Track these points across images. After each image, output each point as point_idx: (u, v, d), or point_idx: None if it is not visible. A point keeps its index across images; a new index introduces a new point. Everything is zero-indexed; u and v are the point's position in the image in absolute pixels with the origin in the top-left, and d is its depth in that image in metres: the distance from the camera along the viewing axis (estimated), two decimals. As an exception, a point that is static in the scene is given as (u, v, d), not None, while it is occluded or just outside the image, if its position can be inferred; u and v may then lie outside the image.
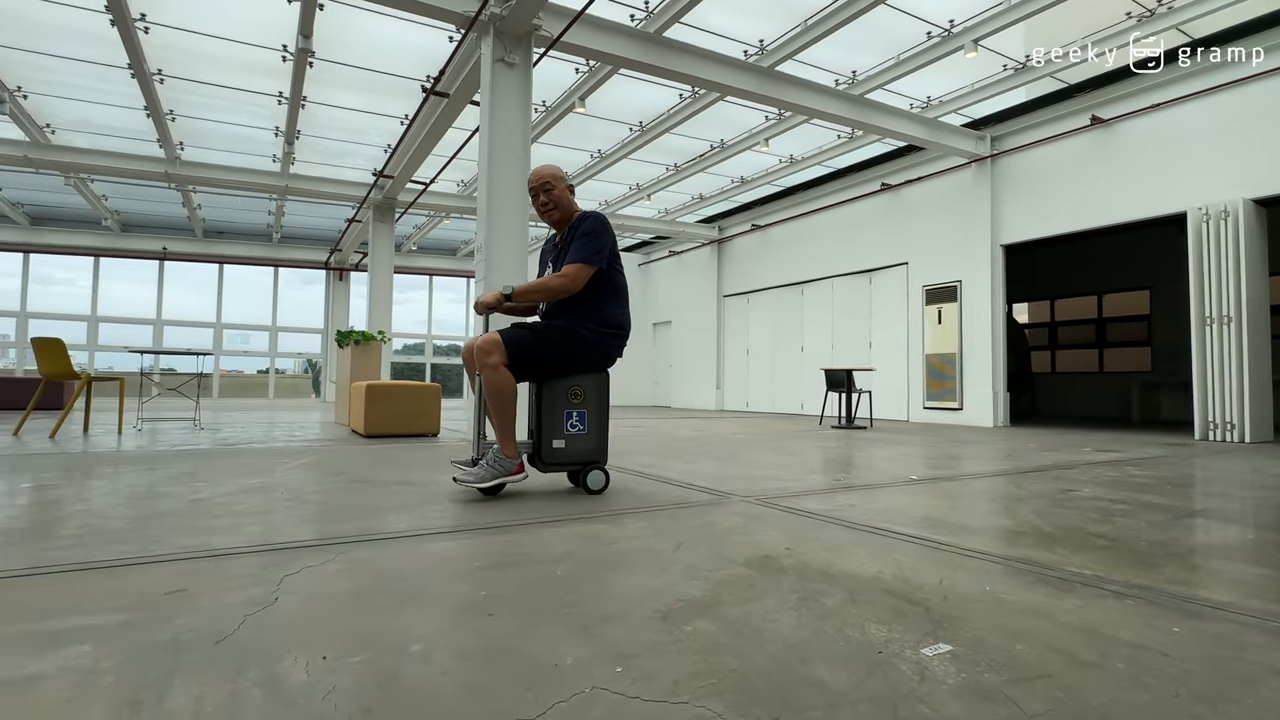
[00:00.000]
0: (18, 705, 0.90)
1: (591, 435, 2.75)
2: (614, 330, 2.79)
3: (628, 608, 1.33)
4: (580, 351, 2.72)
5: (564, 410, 2.72)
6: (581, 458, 2.74)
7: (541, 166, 2.87)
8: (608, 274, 2.77)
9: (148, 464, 3.52)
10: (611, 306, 2.79)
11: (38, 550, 1.73)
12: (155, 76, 7.24)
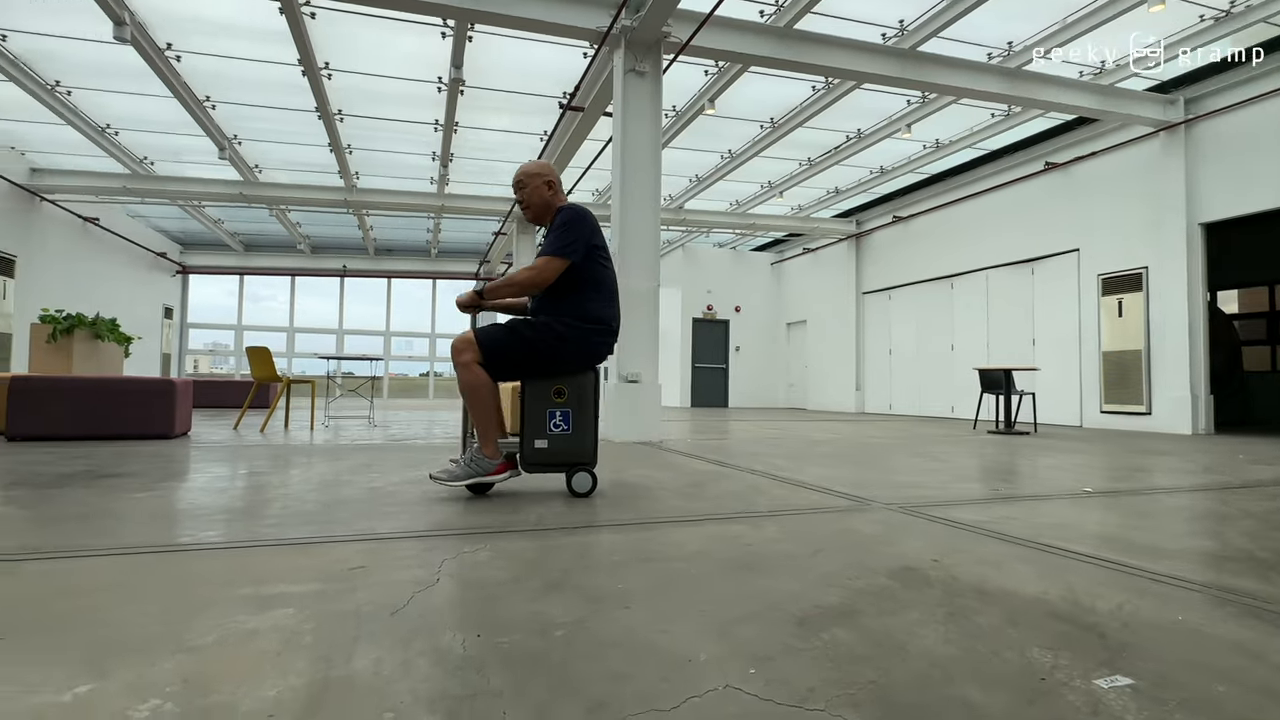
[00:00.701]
0: (243, 651, 1.08)
1: (576, 436, 2.61)
2: (595, 325, 2.66)
3: (761, 610, 1.32)
4: (554, 347, 2.60)
5: (546, 409, 2.60)
6: (566, 459, 2.62)
7: (523, 164, 2.83)
8: (587, 267, 2.66)
9: (334, 456, 4.02)
10: (594, 301, 2.67)
11: (252, 527, 2.04)
12: (336, 116, 8.26)
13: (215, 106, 8.06)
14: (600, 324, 2.68)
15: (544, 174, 2.79)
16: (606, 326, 2.70)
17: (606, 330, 2.70)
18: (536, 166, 2.81)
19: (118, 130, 8.85)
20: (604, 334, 2.70)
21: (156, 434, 4.96)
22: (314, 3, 5.87)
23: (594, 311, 2.66)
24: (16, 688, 0.94)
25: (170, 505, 2.39)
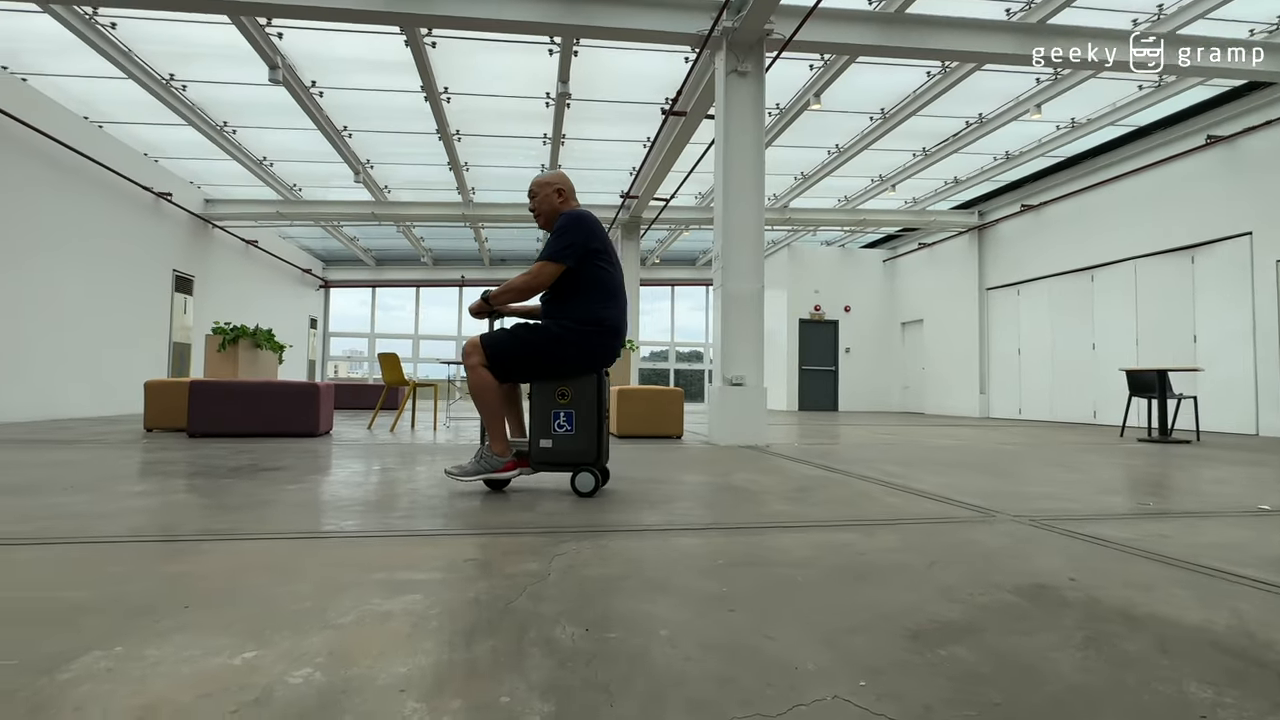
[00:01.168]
0: (379, 630, 1.18)
1: (579, 436, 2.67)
2: (595, 326, 2.69)
3: (872, 621, 1.27)
4: (553, 348, 2.68)
5: (551, 410, 2.68)
6: (570, 459, 2.68)
7: (538, 175, 2.91)
8: (587, 270, 2.71)
9: (453, 455, 4.29)
10: (596, 302, 2.72)
11: (384, 519, 2.23)
12: (455, 136, 8.82)
13: (351, 135, 8.86)
14: (599, 324, 2.72)
15: (554, 183, 2.92)
16: (603, 325, 2.73)
17: (606, 331, 2.73)
18: (548, 176, 2.93)
19: (273, 162, 9.95)
20: (604, 334, 2.73)
21: (304, 432, 5.52)
22: (435, 33, 6.31)
23: (594, 313, 2.72)
24: (200, 650, 1.09)
25: (316, 496, 2.65)
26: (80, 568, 1.58)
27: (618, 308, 2.80)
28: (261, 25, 6.14)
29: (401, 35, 6.28)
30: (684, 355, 19.02)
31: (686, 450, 4.89)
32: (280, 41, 6.46)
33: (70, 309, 8.01)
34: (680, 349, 18.88)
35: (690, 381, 19.03)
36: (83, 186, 8.18)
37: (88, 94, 7.68)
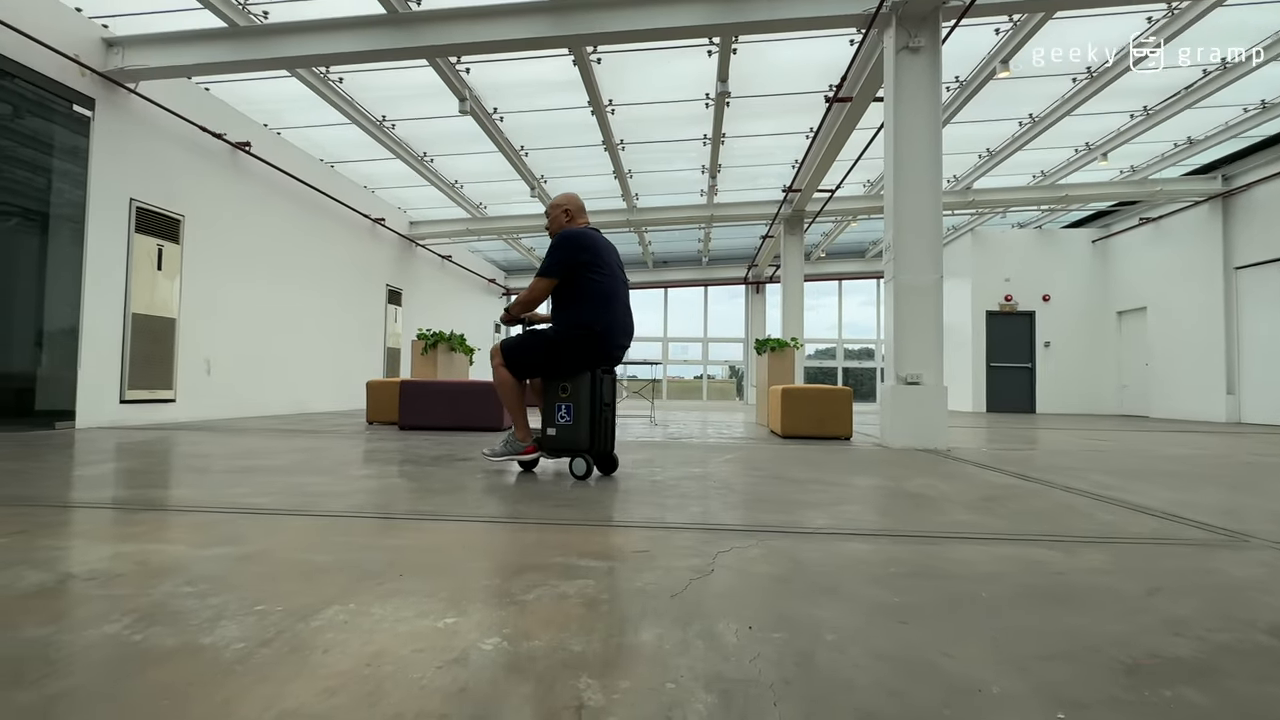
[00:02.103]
0: (557, 609, 1.29)
1: (575, 426, 3.08)
2: (584, 330, 3.07)
3: (1073, 650, 1.13)
4: (550, 350, 3.12)
5: (555, 403, 3.12)
6: (568, 445, 3.09)
7: (554, 197, 3.21)
8: (577, 282, 3.10)
9: (622, 451, 4.48)
10: (586, 310, 3.09)
11: (558, 508, 2.40)
12: (619, 146, 9.20)
13: (528, 154, 9.61)
14: (589, 329, 3.08)
15: (563, 204, 3.36)
16: (596, 331, 3.08)
17: (596, 334, 3.08)
18: (560, 198, 3.38)
19: (463, 184, 11.11)
20: (594, 337, 3.08)
21: (492, 426, 6.10)
22: (600, 50, 6.64)
23: (584, 319, 3.09)
24: (412, 612, 1.27)
25: (501, 485, 2.92)
26: (323, 536, 1.89)
27: (609, 313, 3.13)
28: (453, 64, 6.89)
29: (570, 56, 6.69)
30: (853, 353, 18.10)
31: (856, 452, 4.66)
32: (468, 76, 7.20)
33: (312, 319, 9.59)
34: (849, 346, 17.99)
35: (860, 380, 18.06)
36: (319, 217, 9.75)
37: (322, 139, 9.14)
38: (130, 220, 6.39)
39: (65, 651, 1.07)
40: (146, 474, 3.14)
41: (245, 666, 1.02)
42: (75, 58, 5.76)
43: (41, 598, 1.32)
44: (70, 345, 5.85)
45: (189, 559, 1.62)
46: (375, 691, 0.94)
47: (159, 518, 2.12)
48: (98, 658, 1.05)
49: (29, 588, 1.38)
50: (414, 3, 5.78)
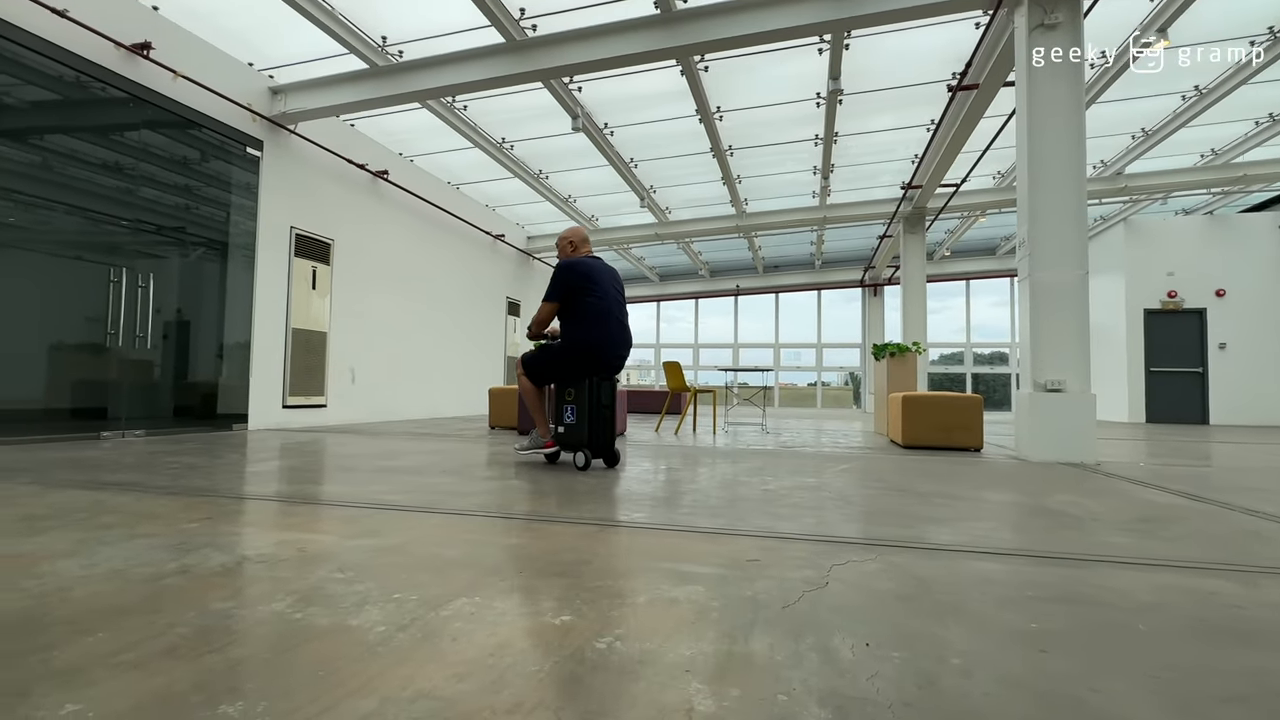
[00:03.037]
0: (667, 614, 1.30)
1: (579, 425, 3.68)
2: (579, 345, 3.66)
3: (1256, 694, 0.99)
4: (554, 361, 3.76)
5: (563, 406, 3.74)
6: (574, 441, 3.70)
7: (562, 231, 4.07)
8: (573, 304, 3.67)
9: (732, 459, 4.44)
10: (580, 328, 3.67)
11: (670, 514, 2.42)
12: (727, 152, 9.17)
13: (637, 165, 9.81)
14: (583, 344, 3.66)
15: (569, 237, 4.00)
16: (589, 344, 3.65)
17: (590, 348, 3.65)
18: (567, 231, 4.02)
19: (576, 199, 11.53)
20: (588, 350, 3.66)
21: (604, 433, 6.25)
22: (707, 58, 6.66)
23: (578, 335, 3.68)
24: (531, 609, 1.34)
25: (613, 489, 2.99)
26: (450, 532, 2.03)
27: (604, 330, 3.67)
28: (566, 84, 7.19)
29: (677, 66, 6.77)
30: (983, 357, 16.78)
31: (987, 464, 4.32)
32: (580, 94, 7.48)
33: (440, 330, 10.32)
34: (978, 350, 16.70)
35: (992, 387, 16.70)
36: (447, 235, 10.49)
37: (449, 163, 9.84)
38: (290, 246, 7.21)
39: (242, 624, 1.23)
40: (303, 471, 3.52)
41: (386, 648, 1.12)
42: (249, 106, 6.60)
43: (223, 576, 1.53)
44: (244, 357, 6.68)
45: (338, 548, 1.80)
46: (498, 680, 1.00)
47: (313, 510, 2.37)
48: (267, 631, 1.19)
49: (215, 567, 1.60)
50: (530, 29, 6.10)
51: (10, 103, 4.86)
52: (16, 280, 5.00)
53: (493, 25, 5.95)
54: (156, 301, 5.80)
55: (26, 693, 0.94)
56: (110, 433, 5.38)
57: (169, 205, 6.16)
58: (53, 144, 5.23)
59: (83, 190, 5.39)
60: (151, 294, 5.76)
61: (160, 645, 1.11)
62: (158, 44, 5.66)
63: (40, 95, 5.06)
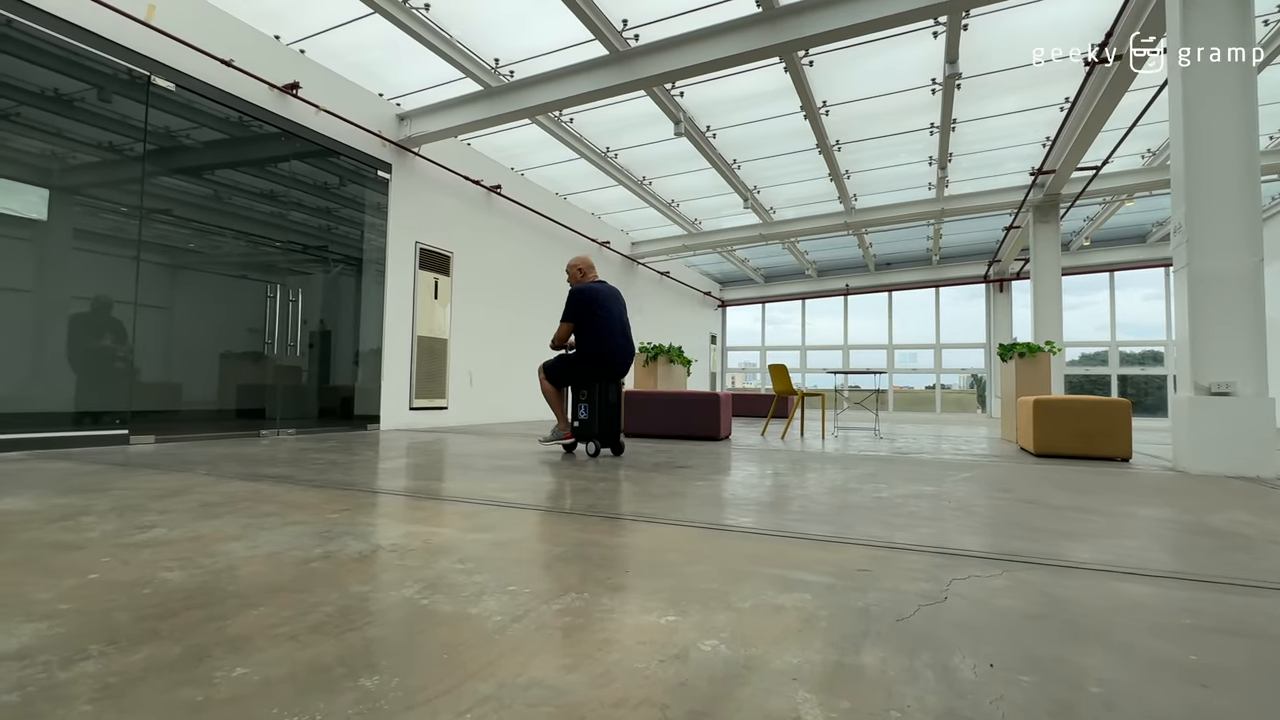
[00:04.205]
0: (773, 620, 1.29)
1: (591, 420, 4.48)
2: (590, 355, 4.49)
3: None
4: (570, 368, 4.56)
5: (578, 404, 4.56)
6: (586, 433, 4.48)
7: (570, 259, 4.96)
8: (587, 322, 4.51)
9: (842, 464, 4.29)
10: (590, 341, 4.50)
11: (777, 519, 2.37)
12: (834, 147, 8.86)
13: (740, 167, 9.71)
14: (592, 354, 4.51)
15: (577, 264, 4.91)
16: (598, 354, 4.50)
17: (598, 357, 4.50)
18: (575, 259, 4.94)
19: (678, 203, 11.59)
20: (597, 359, 4.51)
21: (708, 436, 6.24)
22: (811, 53, 6.49)
23: (589, 348, 4.52)
24: (636, 608, 1.36)
25: (719, 493, 2.98)
26: (559, 530, 2.11)
27: (609, 342, 4.53)
28: (668, 89, 7.26)
29: (780, 64, 6.64)
30: (1132, 357, 15.06)
31: (1136, 476, 3.89)
32: (681, 99, 7.53)
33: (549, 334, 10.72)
34: (1126, 349, 15.01)
35: (1144, 390, 14.95)
36: (554, 244, 10.89)
37: (556, 175, 10.22)
38: (415, 259, 7.78)
39: (377, 606, 1.35)
40: (427, 469, 3.78)
41: (502, 636, 1.19)
42: (379, 133, 7.21)
43: (360, 562, 1.68)
44: (376, 363, 7.29)
45: (459, 542, 1.92)
46: (605, 674, 1.04)
47: (437, 505, 2.55)
48: (398, 615, 1.30)
49: (353, 554, 1.76)
50: (633, 40, 6.22)
51: (189, 144, 5.61)
52: (196, 298, 5.75)
53: (597, 39, 6.13)
54: (304, 314, 6.47)
55: (207, 654, 1.08)
56: (267, 431, 6.05)
57: (313, 227, 6.85)
58: (221, 177, 5.98)
59: (244, 217, 6.12)
60: (300, 307, 6.43)
61: (309, 621, 1.24)
62: (304, 82, 6.32)
63: (211, 135, 5.80)
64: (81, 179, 4.92)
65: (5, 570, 1.55)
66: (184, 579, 1.50)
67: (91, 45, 4.73)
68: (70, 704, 0.91)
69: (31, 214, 4.51)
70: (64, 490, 2.73)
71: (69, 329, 4.78)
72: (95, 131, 4.96)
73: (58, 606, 1.30)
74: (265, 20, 5.99)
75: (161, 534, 1.94)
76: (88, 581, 1.47)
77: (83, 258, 4.90)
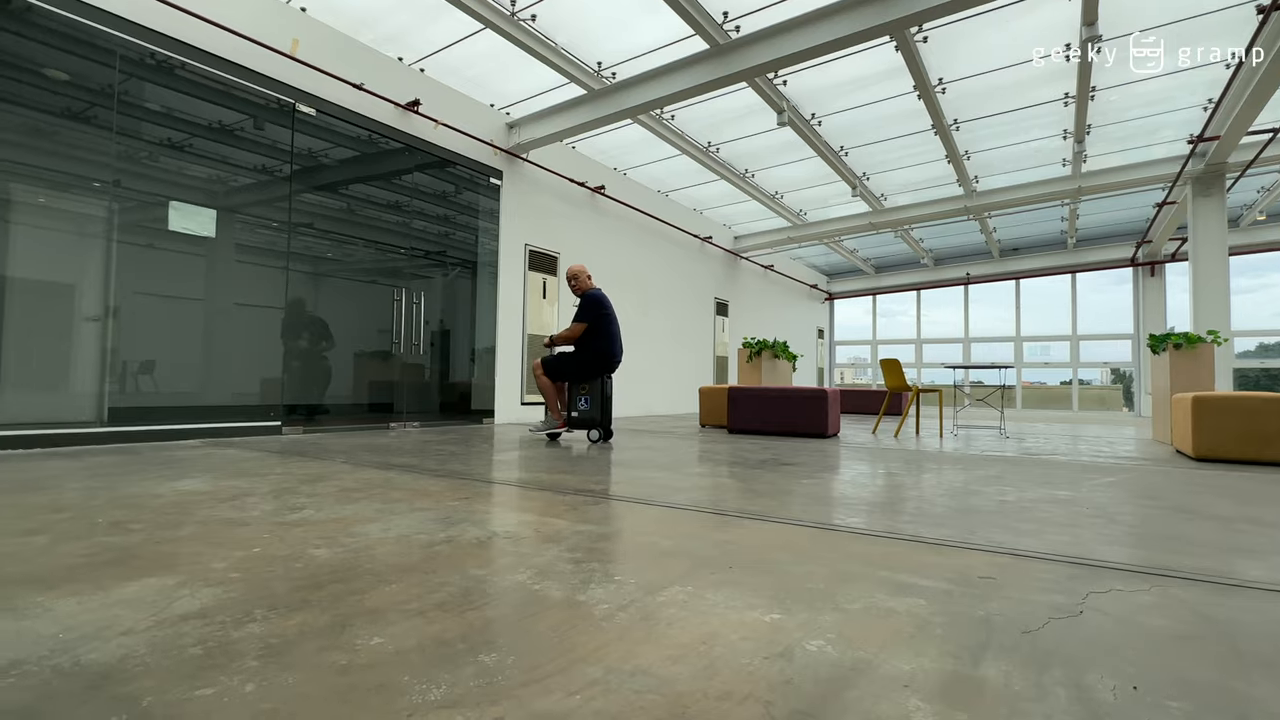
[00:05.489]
0: (883, 624, 1.24)
1: (593, 410, 5.08)
2: (597, 354, 5.05)
3: None
4: (574, 365, 5.08)
5: (579, 396, 5.12)
6: (588, 421, 5.09)
7: (570, 266, 5.53)
8: (596, 325, 5.05)
9: (962, 465, 4.03)
10: (599, 342, 5.06)
11: (889, 520, 2.28)
12: (952, 127, 8.30)
13: (848, 154, 9.33)
14: (599, 353, 5.04)
15: (579, 273, 5.37)
16: (600, 354, 5.04)
17: (600, 356, 5.04)
18: (575, 268, 5.38)
19: (782, 195, 11.32)
20: (600, 357, 5.05)
21: (815, 433, 6.06)
22: (925, 28, 6.11)
23: (601, 347, 5.04)
24: (740, 604, 1.36)
25: (826, 491, 2.90)
26: (664, 524, 2.14)
27: (614, 343, 5.11)
28: (771, 79, 7.11)
29: (891, 43, 6.31)
30: (1321, 347, 12.98)
31: (1326, 486, 3.36)
32: (785, 88, 7.34)
33: (652, 332, 10.85)
34: (1313, 338, 12.96)
35: (1337, 386, 12.84)
36: (656, 240, 10.99)
37: (658, 173, 10.30)
38: (525, 261, 8.13)
39: (493, 588, 1.43)
40: (537, 462, 3.95)
41: (609, 624, 1.23)
42: (491, 142, 7.59)
43: (478, 547, 1.79)
44: (490, 361, 7.69)
45: (567, 532, 2.00)
46: (709, 667, 1.05)
47: (546, 496, 2.66)
48: (513, 598, 1.38)
49: (471, 540, 1.88)
50: (733, 31, 6.14)
51: (327, 163, 6.18)
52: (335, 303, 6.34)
53: (697, 34, 6.10)
54: (426, 315, 6.94)
55: (349, 624, 1.20)
56: (395, 424, 6.56)
57: (433, 233, 7.33)
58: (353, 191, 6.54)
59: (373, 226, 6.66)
60: (422, 309, 6.91)
61: (435, 599, 1.35)
62: (424, 99, 6.77)
63: (344, 154, 6.36)
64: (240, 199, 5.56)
65: (189, 542, 1.80)
66: (329, 556, 1.67)
67: (248, 80, 5.33)
68: (241, 659, 1.05)
69: (203, 232, 5.16)
70: (232, 474, 3.11)
71: (281, 329, 5.44)
72: (251, 156, 5.59)
73: (229, 575, 1.50)
74: (389, 44, 6.47)
75: (310, 515, 2.17)
76: (252, 554, 1.67)
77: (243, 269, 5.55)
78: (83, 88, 4.58)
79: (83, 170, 4.63)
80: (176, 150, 5.15)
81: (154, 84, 4.93)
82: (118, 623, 1.19)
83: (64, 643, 1.10)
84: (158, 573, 1.50)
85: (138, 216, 4.86)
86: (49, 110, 4.46)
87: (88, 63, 4.54)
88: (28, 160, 4.38)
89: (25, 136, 4.35)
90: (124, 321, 4.74)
